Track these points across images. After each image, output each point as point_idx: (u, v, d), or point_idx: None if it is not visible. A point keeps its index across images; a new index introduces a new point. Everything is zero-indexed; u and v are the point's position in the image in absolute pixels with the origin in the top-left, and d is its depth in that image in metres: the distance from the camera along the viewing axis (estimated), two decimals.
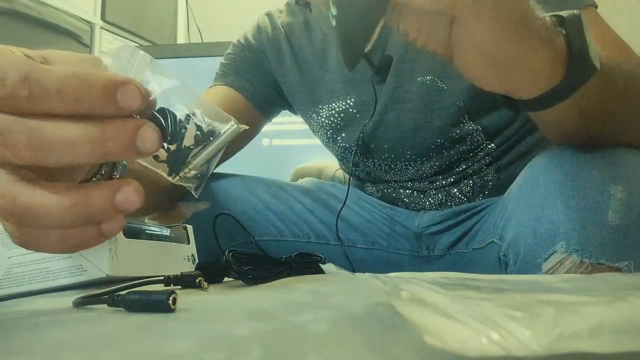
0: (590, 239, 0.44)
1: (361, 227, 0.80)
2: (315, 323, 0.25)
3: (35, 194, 0.25)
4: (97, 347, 0.22)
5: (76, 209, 0.26)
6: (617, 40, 0.63)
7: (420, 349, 0.19)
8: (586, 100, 0.44)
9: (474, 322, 0.18)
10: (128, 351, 0.21)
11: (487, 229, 0.68)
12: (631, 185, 0.45)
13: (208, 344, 0.22)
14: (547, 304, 0.20)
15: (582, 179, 0.46)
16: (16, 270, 0.43)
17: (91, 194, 0.26)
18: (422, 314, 0.20)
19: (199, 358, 0.20)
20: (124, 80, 0.25)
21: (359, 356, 0.19)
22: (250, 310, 0.30)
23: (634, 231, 0.43)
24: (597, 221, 0.44)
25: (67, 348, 0.23)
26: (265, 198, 0.80)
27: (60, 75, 0.25)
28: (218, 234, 0.48)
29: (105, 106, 0.25)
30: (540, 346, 0.17)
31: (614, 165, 0.47)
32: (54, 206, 0.25)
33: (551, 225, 0.47)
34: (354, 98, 0.79)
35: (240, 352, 0.20)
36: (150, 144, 0.26)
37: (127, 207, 0.27)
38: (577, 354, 0.17)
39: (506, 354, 0.17)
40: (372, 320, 0.25)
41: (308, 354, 0.20)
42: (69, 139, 0.25)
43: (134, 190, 0.27)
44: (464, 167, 0.77)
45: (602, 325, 0.18)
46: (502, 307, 0.19)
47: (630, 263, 0.42)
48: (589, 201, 0.45)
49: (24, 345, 0.24)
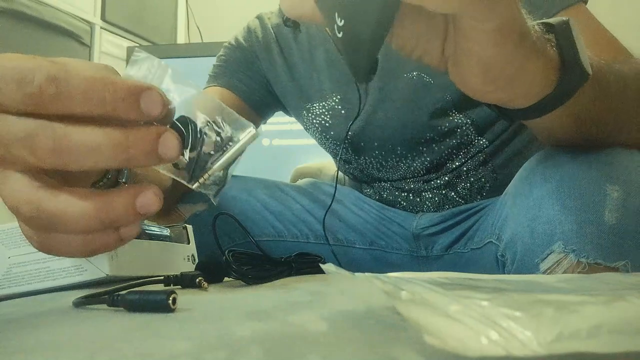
0: (587, 239, 0.44)
1: (359, 228, 0.81)
2: (315, 323, 0.25)
3: (60, 200, 0.26)
4: (97, 347, 0.22)
5: (100, 215, 0.26)
6: (609, 38, 0.62)
7: (420, 349, 0.19)
8: (579, 106, 0.44)
9: (473, 322, 0.18)
10: (128, 351, 0.22)
11: (485, 229, 0.68)
12: (628, 185, 0.45)
13: (208, 344, 0.22)
14: (546, 303, 0.20)
15: (579, 178, 0.46)
16: (16, 270, 0.43)
17: (113, 199, 0.26)
18: (422, 314, 0.20)
19: (199, 358, 0.20)
20: (147, 86, 0.26)
21: (359, 356, 0.19)
22: (250, 310, 0.30)
23: (631, 231, 0.43)
24: (594, 221, 0.44)
25: (67, 348, 0.23)
26: (264, 199, 0.80)
27: (87, 77, 0.25)
28: (217, 235, 0.48)
29: (128, 110, 0.26)
30: (540, 346, 0.17)
31: (610, 165, 0.47)
32: (78, 213, 0.26)
33: (548, 225, 0.47)
34: (341, 96, 0.80)
35: (240, 352, 0.20)
36: (171, 152, 0.27)
37: (147, 210, 0.27)
38: (577, 354, 0.17)
39: (506, 354, 0.17)
40: (372, 320, 0.25)
41: (308, 354, 0.20)
42: (93, 144, 0.25)
43: (154, 194, 0.27)
44: (457, 165, 0.77)
45: (602, 325, 0.18)
46: (502, 307, 0.19)
47: (627, 263, 0.42)
48: (586, 201, 0.45)
49: (24, 345, 0.24)
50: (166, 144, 0.26)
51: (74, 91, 0.25)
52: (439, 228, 0.77)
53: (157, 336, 0.24)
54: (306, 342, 0.22)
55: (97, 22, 1.89)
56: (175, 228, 0.58)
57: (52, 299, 0.39)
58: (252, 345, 0.21)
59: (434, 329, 0.19)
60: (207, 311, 0.31)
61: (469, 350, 0.17)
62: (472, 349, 0.17)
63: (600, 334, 0.18)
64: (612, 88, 0.47)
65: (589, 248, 0.43)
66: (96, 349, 0.22)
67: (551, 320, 0.18)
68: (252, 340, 0.22)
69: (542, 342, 0.17)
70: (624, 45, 0.62)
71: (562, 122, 0.46)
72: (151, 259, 0.49)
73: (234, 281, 0.46)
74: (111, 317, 0.30)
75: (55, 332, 0.26)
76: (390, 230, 0.81)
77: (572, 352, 0.17)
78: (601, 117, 0.48)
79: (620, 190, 0.44)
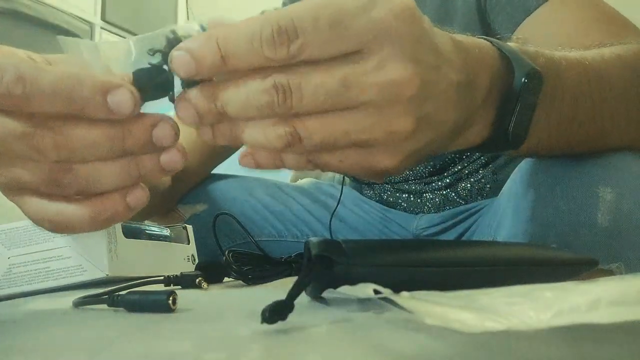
0: (580, 241, 0.44)
1: (359, 228, 0.81)
2: (315, 323, 0.25)
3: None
4: (97, 347, 0.22)
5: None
6: (612, 14, 0.58)
7: (420, 349, 0.19)
8: (558, 126, 0.42)
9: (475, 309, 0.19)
10: (128, 351, 0.22)
11: (482, 231, 0.68)
12: (620, 186, 0.44)
13: (208, 344, 0.22)
14: (546, 289, 0.20)
15: (571, 180, 0.46)
16: (16, 270, 0.43)
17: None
18: (423, 306, 0.20)
19: (199, 358, 0.20)
20: (117, 84, 0.26)
21: (359, 356, 0.19)
22: (250, 310, 0.30)
23: (624, 233, 0.43)
24: (587, 223, 0.44)
25: (67, 348, 0.23)
26: (264, 199, 0.80)
27: (55, 75, 0.25)
28: (217, 235, 0.48)
29: (97, 109, 0.26)
30: (540, 321, 0.17)
31: (603, 166, 0.46)
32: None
33: (542, 227, 0.47)
34: None
35: (240, 352, 0.20)
36: (166, 140, 0.27)
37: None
38: (577, 325, 0.17)
39: (506, 328, 0.17)
40: (372, 320, 0.25)
41: (308, 354, 0.20)
42: (90, 138, 0.26)
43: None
44: (459, 168, 0.77)
45: (600, 299, 0.18)
46: (503, 297, 0.20)
47: (620, 264, 0.42)
48: (578, 203, 0.45)
49: (24, 345, 0.24)
50: (160, 133, 0.27)
51: (40, 91, 0.25)
52: (438, 228, 0.77)
53: (157, 336, 0.24)
54: (306, 342, 0.22)
55: (97, 22, 1.89)
56: (175, 228, 0.58)
57: (52, 299, 0.39)
58: (252, 345, 0.21)
59: (436, 314, 0.19)
60: (207, 311, 0.31)
61: (470, 327, 0.17)
62: (473, 326, 0.17)
63: (600, 306, 0.18)
64: (593, 93, 0.43)
65: (583, 250, 0.43)
66: (96, 349, 0.22)
67: (550, 300, 0.19)
68: (252, 340, 0.22)
69: (543, 319, 0.18)
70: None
71: (549, 136, 0.43)
72: (151, 259, 0.49)
73: (234, 281, 0.46)
74: (111, 317, 0.30)
75: (55, 332, 0.26)
76: (390, 230, 0.81)
77: (572, 325, 0.17)
78: (588, 130, 0.45)
79: (613, 192, 0.44)
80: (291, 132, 0.27)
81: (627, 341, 0.18)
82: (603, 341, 0.18)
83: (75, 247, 0.42)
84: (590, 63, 0.43)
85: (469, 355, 0.18)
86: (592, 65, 0.43)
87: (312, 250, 0.28)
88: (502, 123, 0.37)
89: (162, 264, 0.51)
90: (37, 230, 0.43)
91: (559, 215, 0.45)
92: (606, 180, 0.45)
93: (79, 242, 0.43)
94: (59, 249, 0.43)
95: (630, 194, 0.44)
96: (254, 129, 0.28)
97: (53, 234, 0.42)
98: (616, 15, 0.58)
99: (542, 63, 0.39)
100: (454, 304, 0.19)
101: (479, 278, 0.30)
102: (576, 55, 0.43)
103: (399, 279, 0.28)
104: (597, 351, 0.17)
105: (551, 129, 0.41)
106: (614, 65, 0.45)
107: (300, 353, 0.20)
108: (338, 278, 0.28)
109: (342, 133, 0.27)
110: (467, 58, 0.32)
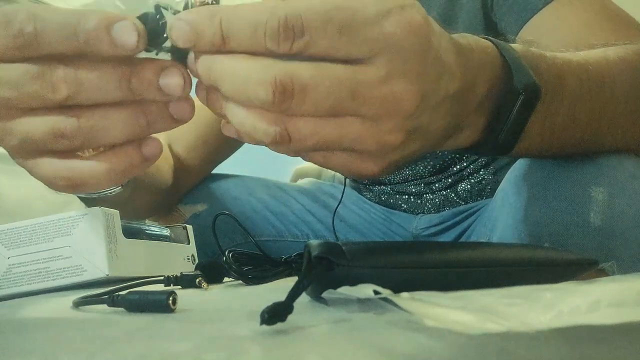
0: (573, 240, 0.44)
1: (359, 227, 0.81)
2: (315, 323, 0.25)
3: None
4: (97, 347, 0.22)
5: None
6: (616, 12, 0.57)
7: (420, 349, 0.19)
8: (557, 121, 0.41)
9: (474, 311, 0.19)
10: (128, 351, 0.21)
11: (479, 231, 0.68)
12: (612, 186, 0.44)
13: (208, 344, 0.22)
14: (546, 290, 0.20)
15: (564, 180, 0.46)
16: (16, 270, 0.43)
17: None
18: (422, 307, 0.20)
19: (199, 358, 0.20)
20: (120, 17, 0.26)
21: (359, 356, 0.19)
22: (250, 310, 0.30)
23: (617, 232, 0.43)
24: (579, 223, 0.44)
25: (67, 348, 0.23)
26: (264, 199, 0.80)
27: (63, 12, 0.26)
28: (217, 235, 0.48)
29: (101, 42, 0.26)
30: (540, 322, 0.17)
31: (596, 166, 0.46)
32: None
33: (535, 227, 0.47)
34: None
35: (240, 352, 0.20)
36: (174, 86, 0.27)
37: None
38: (577, 327, 0.17)
39: (506, 329, 0.17)
40: (372, 320, 0.25)
41: (308, 355, 0.20)
42: (99, 74, 0.27)
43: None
44: (459, 168, 0.77)
45: (600, 300, 0.18)
46: (502, 298, 0.20)
47: (613, 264, 0.42)
48: (570, 203, 0.45)
49: (24, 345, 0.24)
50: (168, 79, 0.27)
51: (49, 28, 0.26)
52: (438, 229, 0.77)
53: (157, 336, 0.24)
54: (306, 342, 0.22)
55: None
56: (175, 228, 0.58)
57: (52, 299, 0.39)
58: (252, 345, 0.21)
59: (436, 315, 0.19)
60: (207, 311, 0.31)
61: (471, 329, 0.17)
62: (473, 328, 0.17)
63: (600, 307, 0.18)
64: (592, 96, 0.43)
65: (575, 250, 0.43)
66: (96, 349, 0.22)
67: (550, 301, 0.19)
68: (252, 340, 0.22)
69: (543, 320, 0.17)
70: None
71: (542, 139, 0.43)
72: (151, 259, 0.49)
73: (234, 281, 0.46)
74: (111, 317, 0.30)
75: (55, 332, 0.26)
76: (390, 230, 0.81)
77: (572, 326, 0.17)
78: (585, 132, 0.45)
79: (605, 191, 0.44)
80: (281, 133, 0.27)
81: (627, 342, 0.18)
82: (603, 342, 0.18)
83: (75, 247, 0.42)
84: (594, 67, 0.43)
85: (469, 356, 0.18)
86: (595, 70, 0.43)
87: (311, 252, 0.28)
88: (494, 130, 0.37)
89: (162, 264, 0.51)
90: (37, 230, 0.43)
91: (552, 214, 0.45)
92: (599, 180, 0.45)
93: (79, 242, 0.43)
94: (59, 249, 0.43)
95: (623, 193, 0.44)
96: (242, 114, 0.27)
97: (53, 234, 0.42)
98: (623, 15, 0.58)
99: (543, 69, 0.39)
100: (454, 305, 0.19)
101: (479, 279, 0.30)
102: (579, 59, 0.43)
103: (398, 280, 0.28)
104: (597, 352, 0.17)
105: (544, 134, 0.41)
106: (618, 69, 0.45)
107: (300, 353, 0.20)
108: (338, 280, 0.28)
109: (334, 139, 0.27)
110: (467, 64, 0.32)
